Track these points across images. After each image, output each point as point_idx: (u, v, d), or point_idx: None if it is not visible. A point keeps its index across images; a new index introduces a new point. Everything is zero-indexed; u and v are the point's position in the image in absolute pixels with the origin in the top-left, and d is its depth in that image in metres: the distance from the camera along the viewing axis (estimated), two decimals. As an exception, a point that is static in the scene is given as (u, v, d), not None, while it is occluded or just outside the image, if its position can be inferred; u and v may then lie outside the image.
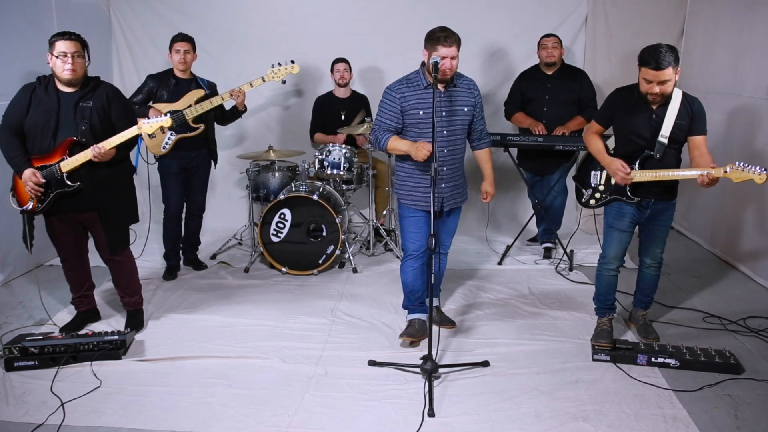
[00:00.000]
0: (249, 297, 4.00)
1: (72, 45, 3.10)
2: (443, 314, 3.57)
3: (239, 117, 4.47)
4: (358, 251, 4.86)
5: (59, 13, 4.70)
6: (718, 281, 4.19)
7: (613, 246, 3.21)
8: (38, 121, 3.14)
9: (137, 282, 3.57)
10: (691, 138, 3.00)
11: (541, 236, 4.87)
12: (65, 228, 3.33)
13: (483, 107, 3.30)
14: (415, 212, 3.21)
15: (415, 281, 3.31)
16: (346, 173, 4.58)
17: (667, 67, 2.82)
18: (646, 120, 3.01)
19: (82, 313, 3.58)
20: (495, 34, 5.31)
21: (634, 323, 3.46)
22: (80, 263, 3.48)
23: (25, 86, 3.23)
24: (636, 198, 3.08)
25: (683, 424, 2.58)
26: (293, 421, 2.64)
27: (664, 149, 2.99)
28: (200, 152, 4.28)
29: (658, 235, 3.21)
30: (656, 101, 2.96)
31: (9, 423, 2.63)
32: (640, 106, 3.01)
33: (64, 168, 3.12)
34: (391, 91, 3.10)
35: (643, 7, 5.20)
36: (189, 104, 4.11)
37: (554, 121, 4.49)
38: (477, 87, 3.23)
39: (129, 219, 3.43)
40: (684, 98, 2.99)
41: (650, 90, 2.90)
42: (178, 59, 4.13)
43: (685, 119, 2.97)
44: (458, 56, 3.02)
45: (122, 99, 3.35)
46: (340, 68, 4.94)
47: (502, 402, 2.77)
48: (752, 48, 4.25)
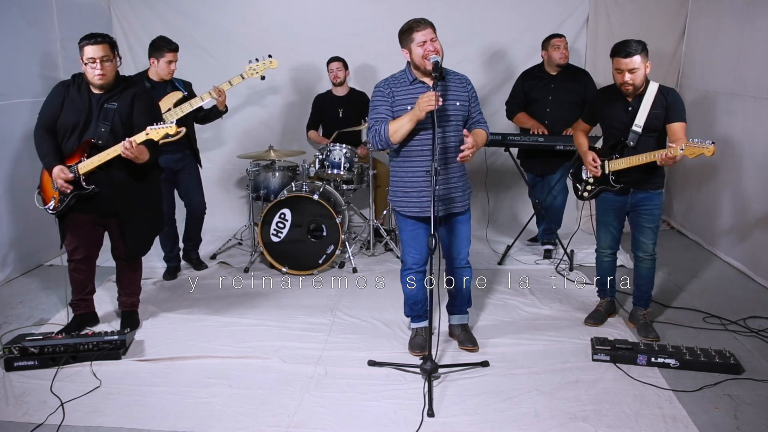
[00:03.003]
0: (249, 297, 4.00)
1: (100, 49, 3.07)
2: (469, 333, 3.32)
3: (220, 117, 4.40)
4: (358, 251, 4.86)
5: (59, 13, 4.70)
6: (718, 281, 4.19)
7: (602, 237, 3.49)
8: (69, 121, 3.14)
9: (138, 285, 3.57)
10: (669, 125, 3.17)
11: (541, 236, 4.86)
12: (80, 230, 3.31)
13: (478, 101, 3.17)
14: (413, 224, 3.06)
15: (418, 293, 3.20)
16: (346, 173, 4.57)
17: (635, 55, 3.05)
18: (622, 111, 3.23)
19: (79, 316, 3.50)
20: (496, 33, 5.31)
21: (634, 323, 3.47)
22: (86, 267, 3.43)
23: (59, 84, 3.25)
24: (617, 185, 3.27)
25: (683, 424, 2.58)
26: (293, 421, 2.64)
27: (638, 137, 3.18)
28: (184, 153, 4.22)
29: (645, 225, 3.31)
30: (629, 92, 3.16)
31: (9, 423, 2.64)
32: (617, 100, 3.25)
33: (81, 170, 3.11)
34: (378, 87, 3.02)
35: (644, 6, 5.20)
36: (168, 108, 4.02)
37: (557, 121, 4.48)
38: (469, 81, 3.10)
39: (152, 227, 3.42)
40: (660, 89, 3.18)
41: (622, 79, 3.11)
42: (170, 69, 4.05)
43: (659, 108, 3.15)
44: (437, 38, 2.91)
45: (146, 100, 3.27)
46: (334, 68, 4.94)
47: (501, 402, 2.77)
48: (753, 47, 4.24)
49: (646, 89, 3.17)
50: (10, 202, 4.32)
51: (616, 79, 3.18)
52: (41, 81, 4.51)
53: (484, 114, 3.21)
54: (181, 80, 4.24)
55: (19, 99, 4.32)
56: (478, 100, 3.17)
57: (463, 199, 3.11)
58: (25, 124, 4.28)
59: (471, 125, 3.10)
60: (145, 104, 3.25)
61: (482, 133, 3.09)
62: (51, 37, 4.66)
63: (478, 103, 3.15)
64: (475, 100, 3.12)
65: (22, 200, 4.32)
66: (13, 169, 4.32)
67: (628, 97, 3.20)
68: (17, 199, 4.33)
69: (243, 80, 4.25)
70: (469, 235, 3.21)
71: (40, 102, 3.28)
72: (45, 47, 4.62)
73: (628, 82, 3.10)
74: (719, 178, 4.67)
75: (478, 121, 3.13)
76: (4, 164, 4.27)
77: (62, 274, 3.94)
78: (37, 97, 4.36)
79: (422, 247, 3.08)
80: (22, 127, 4.29)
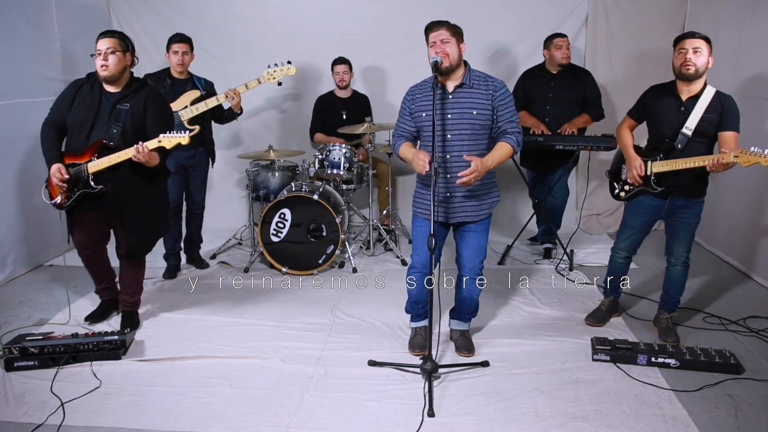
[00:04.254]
0: (249, 297, 4.00)
1: (106, 42, 3.13)
2: (467, 339, 3.28)
3: (235, 119, 4.45)
4: (358, 251, 4.86)
5: (59, 13, 4.70)
6: (719, 281, 4.19)
7: (623, 239, 3.41)
8: (78, 118, 3.17)
9: (140, 285, 3.58)
10: (721, 134, 3.07)
11: (541, 236, 4.87)
12: (86, 226, 3.36)
13: (510, 109, 2.95)
14: (422, 222, 3.05)
15: (420, 293, 3.19)
16: (346, 173, 4.57)
17: (700, 38, 3.00)
18: (674, 111, 3.11)
19: (105, 302, 3.65)
20: (496, 33, 5.31)
21: (657, 326, 3.43)
22: (98, 259, 3.50)
23: (74, 81, 3.29)
24: (659, 188, 3.16)
25: (683, 424, 2.58)
26: (293, 421, 2.64)
27: (687, 141, 3.07)
28: (197, 151, 4.27)
29: (680, 233, 3.24)
30: (689, 74, 3.02)
31: (9, 423, 2.63)
32: (670, 99, 3.13)
33: (90, 169, 3.15)
34: (407, 94, 3.04)
35: (643, 6, 5.20)
36: (185, 105, 4.09)
37: (557, 119, 4.48)
38: (500, 89, 2.93)
39: (155, 228, 3.44)
40: (717, 94, 3.07)
41: (684, 58, 3.01)
42: (176, 60, 4.13)
43: (714, 113, 3.05)
44: (456, 41, 2.88)
45: (160, 104, 3.30)
46: (340, 70, 4.92)
47: (501, 402, 2.77)
48: (753, 47, 4.24)
49: (703, 91, 3.06)
50: (10, 202, 4.31)
51: (676, 62, 3.07)
52: (41, 81, 4.51)
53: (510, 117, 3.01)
54: (202, 79, 4.29)
55: (19, 99, 4.32)
56: (511, 108, 2.96)
57: (479, 209, 3.03)
58: (24, 125, 4.27)
59: (497, 135, 2.97)
60: (159, 109, 3.27)
61: (504, 147, 2.92)
62: (51, 37, 4.66)
63: (509, 111, 2.94)
64: (504, 108, 2.93)
65: (22, 200, 4.33)
66: (12, 170, 4.32)
67: (689, 81, 3.04)
68: (17, 199, 4.33)
69: (259, 84, 4.30)
70: (483, 245, 3.10)
71: (40, 102, 3.30)
72: (45, 47, 4.62)
73: (690, 60, 2.99)
74: (719, 178, 4.66)
75: (506, 132, 2.95)
76: (3, 164, 4.26)
77: (62, 274, 3.94)
78: (37, 97, 4.36)
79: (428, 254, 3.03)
80: (22, 127, 4.29)
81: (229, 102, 4.23)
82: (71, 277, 4.10)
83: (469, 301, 3.20)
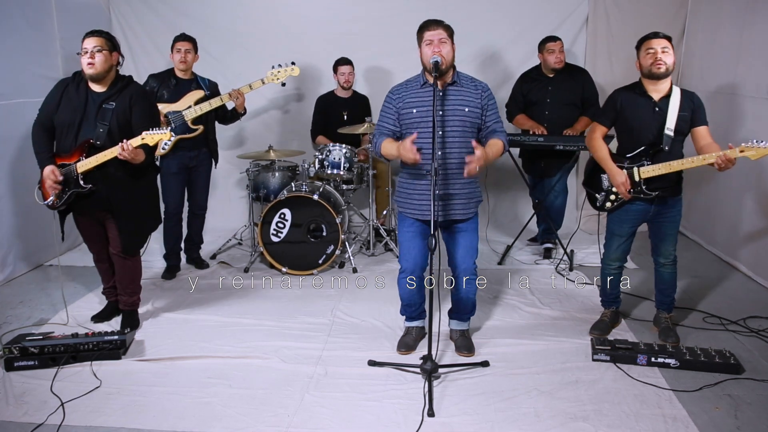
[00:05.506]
0: (249, 297, 4.00)
1: (93, 41, 3.14)
2: (467, 339, 3.28)
3: (239, 119, 4.47)
4: (358, 251, 4.86)
5: (59, 13, 4.70)
6: (718, 281, 4.19)
7: (612, 250, 3.36)
8: (65, 119, 3.18)
9: (138, 284, 3.57)
10: (696, 129, 3.10)
11: (541, 236, 4.87)
12: (87, 224, 3.42)
13: (496, 110, 3.02)
14: (411, 225, 3.06)
15: (412, 296, 3.20)
16: (346, 173, 4.57)
17: (664, 38, 3.03)
18: (650, 113, 3.09)
19: (111, 303, 3.66)
20: (494, 34, 5.31)
21: (657, 326, 3.42)
22: (107, 256, 3.52)
23: (60, 81, 3.30)
24: (652, 193, 3.12)
25: (683, 424, 2.58)
26: (293, 421, 2.64)
27: (672, 141, 3.07)
28: (200, 151, 4.28)
29: (668, 232, 3.23)
30: (660, 73, 3.02)
31: (9, 423, 2.63)
32: (643, 100, 3.11)
33: (79, 169, 3.16)
34: (390, 93, 3.05)
35: (644, 6, 5.20)
36: (189, 105, 4.12)
37: (556, 123, 4.48)
38: (487, 89, 3.01)
39: (146, 224, 3.45)
40: (683, 92, 3.10)
41: (654, 58, 3.01)
42: (178, 59, 4.14)
43: (687, 111, 3.08)
44: (450, 42, 2.91)
45: (146, 102, 3.32)
46: (345, 71, 4.91)
47: (501, 402, 2.77)
48: (753, 47, 4.24)
49: (671, 91, 3.08)
50: (10, 202, 4.32)
51: (645, 62, 3.05)
52: (41, 81, 4.50)
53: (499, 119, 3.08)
54: (207, 79, 4.30)
55: (19, 99, 4.32)
56: (496, 109, 3.03)
57: (467, 207, 3.05)
58: (24, 125, 4.24)
59: (486, 134, 3.00)
60: (144, 107, 3.28)
61: (497, 143, 2.96)
62: (51, 37, 4.66)
63: (495, 111, 3.02)
64: (491, 108, 3.00)
65: (21, 200, 4.32)
66: (12, 170, 4.32)
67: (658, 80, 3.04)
68: (17, 199, 4.33)
69: (263, 85, 4.32)
70: (475, 244, 3.12)
71: (39, 102, 3.30)
72: (45, 47, 4.62)
73: (660, 59, 2.99)
74: (719, 178, 4.67)
75: (494, 131, 3.00)
76: (3, 164, 4.27)
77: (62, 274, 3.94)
78: (37, 97, 4.33)
79: (416, 257, 3.06)
80: (22, 127, 4.28)
81: (233, 102, 4.24)
82: (68, 278, 4.10)
83: (466, 301, 3.20)
